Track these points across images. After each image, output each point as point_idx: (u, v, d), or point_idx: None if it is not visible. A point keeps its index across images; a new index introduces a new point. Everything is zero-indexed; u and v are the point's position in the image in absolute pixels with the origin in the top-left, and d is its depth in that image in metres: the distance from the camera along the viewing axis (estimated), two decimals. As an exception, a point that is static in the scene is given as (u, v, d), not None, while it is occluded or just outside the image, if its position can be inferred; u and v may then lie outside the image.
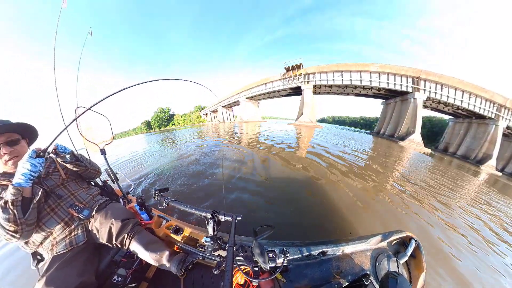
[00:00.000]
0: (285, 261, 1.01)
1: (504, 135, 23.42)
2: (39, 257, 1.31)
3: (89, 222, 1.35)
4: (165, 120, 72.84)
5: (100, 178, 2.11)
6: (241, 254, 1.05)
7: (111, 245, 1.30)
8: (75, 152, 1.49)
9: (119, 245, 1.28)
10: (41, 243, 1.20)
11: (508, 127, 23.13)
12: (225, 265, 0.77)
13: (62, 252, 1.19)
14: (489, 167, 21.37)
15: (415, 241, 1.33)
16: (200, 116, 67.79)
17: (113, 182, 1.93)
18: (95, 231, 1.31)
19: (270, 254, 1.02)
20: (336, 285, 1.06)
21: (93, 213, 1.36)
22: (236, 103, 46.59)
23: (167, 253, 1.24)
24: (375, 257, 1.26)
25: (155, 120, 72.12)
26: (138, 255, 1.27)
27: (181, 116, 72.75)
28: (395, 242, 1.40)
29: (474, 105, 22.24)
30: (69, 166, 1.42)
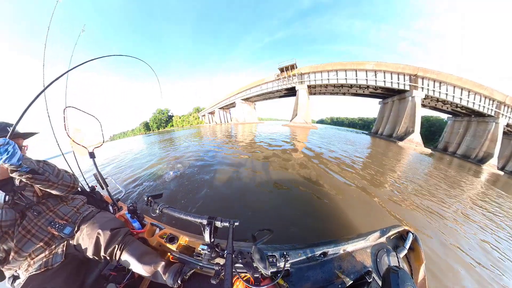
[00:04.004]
0: (287, 265, 1.00)
1: (503, 133, 22.90)
2: (15, 274, 1.14)
3: (74, 236, 1.23)
4: (163, 121, 72.66)
5: (88, 184, 1.99)
6: (240, 260, 0.99)
7: (98, 258, 1.19)
8: (32, 160, 1.11)
9: (108, 258, 1.19)
10: (19, 266, 1.09)
11: (508, 125, 22.62)
12: (224, 273, 0.75)
13: (35, 273, 1.07)
14: (491, 166, 20.84)
15: (412, 234, 1.34)
16: (198, 118, 67.54)
17: (102, 188, 1.81)
18: (81, 244, 1.20)
19: (271, 259, 1.01)
20: (340, 285, 1.05)
21: (78, 227, 1.24)
22: (233, 104, 46.17)
23: (162, 264, 1.16)
24: (376, 253, 1.26)
25: (154, 121, 71.85)
26: (130, 268, 1.18)
27: (180, 118, 72.57)
28: (393, 236, 1.41)
29: (474, 103, 21.76)
30: (22, 179, 1.08)
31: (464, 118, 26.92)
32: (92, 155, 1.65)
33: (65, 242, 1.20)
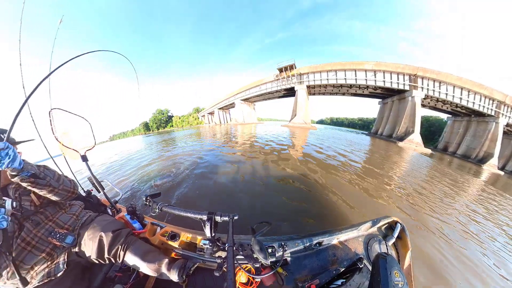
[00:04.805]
0: (285, 255, 1.07)
1: (503, 132, 22.76)
2: (18, 287, 1.12)
3: (76, 244, 1.23)
4: (163, 121, 72.85)
5: (83, 188, 1.96)
6: (241, 252, 1.04)
7: (102, 261, 1.20)
8: (32, 164, 1.07)
9: (113, 259, 1.20)
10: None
11: (508, 124, 22.52)
12: (227, 265, 0.79)
13: (38, 285, 1.07)
14: (491, 166, 20.71)
15: (400, 224, 1.43)
16: (198, 118, 67.50)
17: (99, 192, 1.77)
18: (83, 249, 1.20)
19: (270, 250, 1.11)
20: (334, 272, 1.13)
21: (78, 233, 1.23)
22: (232, 105, 46.06)
23: (166, 261, 1.19)
24: (367, 242, 1.35)
25: (153, 122, 71.97)
26: (135, 267, 1.20)
27: (179, 118, 72.58)
28: (383, 227, 1.50)
29: (473, 103, 21.63)
30: (23, 184, 1.03)
31: (464, 118, 26.81)
32: (84, 158, 1.58)
33: (67, 250, 1.20)
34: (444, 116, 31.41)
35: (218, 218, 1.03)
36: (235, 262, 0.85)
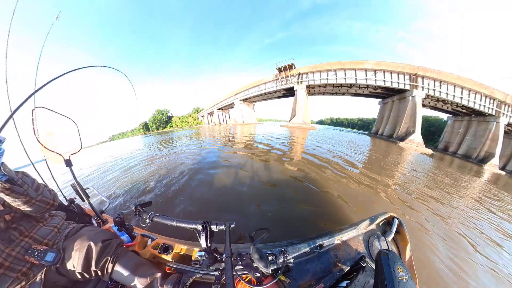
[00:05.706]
0: (286, 261, 1.04)
1: (504, 132, 22.65)
2: None
3: (58, 262, 1.09)
4: (163, 122, 72.96)
5: (65, 197, 1.83)
6: (240, 262, 1.00)
7: (88, 275, 1.07)
8: (7, 169, 0.89)
9: (100, 272, 1.08)
10: None
11: (508, 124, 22.42)
12: (225, 277, 0.76)
13: None
14: (492, 166, 20.59)
15: (397, 219, 1.47)
16: (197, 118, 67.47)
17: (83, 200, 1.64)
18: (66, 264, 1.07)
19: (270, 257, 1.06)
20: (338, 273, 1.12)
21: (61, 247, 1.09)
22: (231, 105, 45.94)
23: (158, 275, 1.09)
24: (367, 240, 1.37)
25: (153, 122, 72.06)
26: (124, 283, 1.10)
27: (179, 118, 72.61)
28: (381, 223, 1.55)
29: (474, 102, 21.52)
30: None
31: (464, 117, 26.69)
32: (68, 163, 1.44)
33: (46, 267, 1.06)
34: (444, 116, 31.35)
35: (214, 227, 0.99)
36: (234, 273, 0.81)
